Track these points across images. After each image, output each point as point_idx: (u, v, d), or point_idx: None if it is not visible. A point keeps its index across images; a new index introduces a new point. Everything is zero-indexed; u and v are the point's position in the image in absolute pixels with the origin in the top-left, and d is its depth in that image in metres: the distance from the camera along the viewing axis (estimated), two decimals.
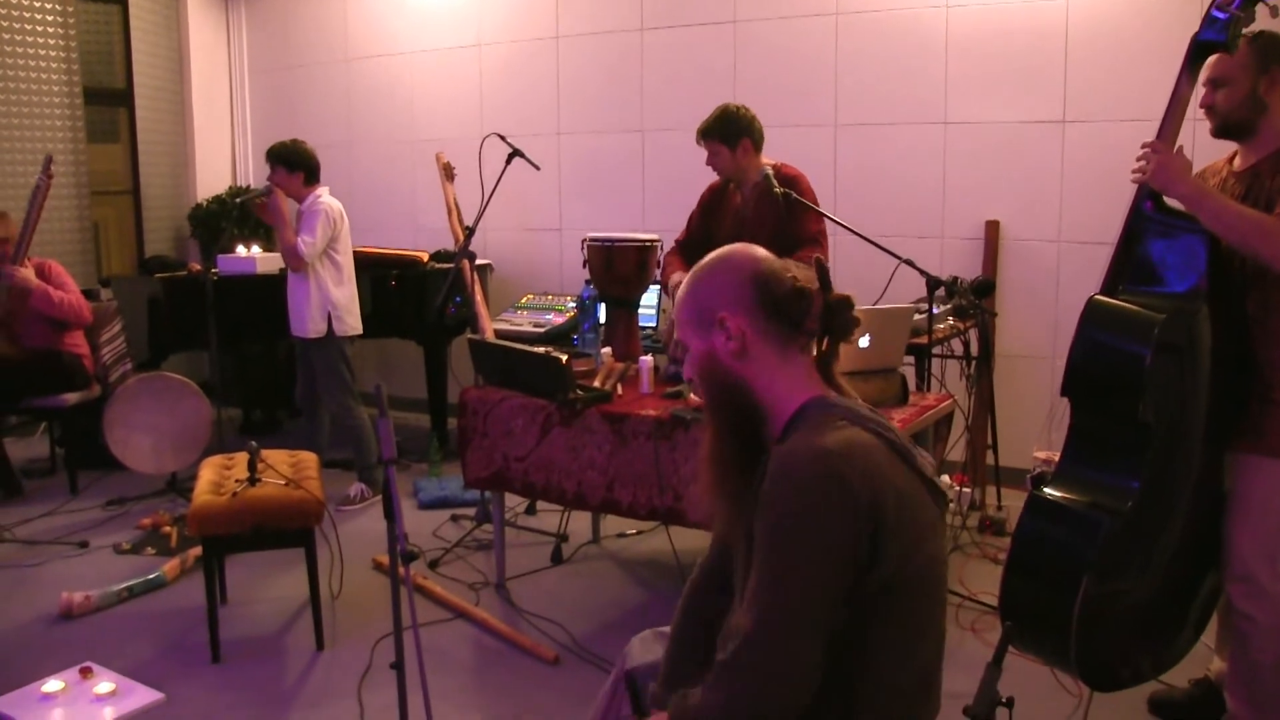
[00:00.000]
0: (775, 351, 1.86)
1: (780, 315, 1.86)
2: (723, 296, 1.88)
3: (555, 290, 6.72)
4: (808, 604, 1.68)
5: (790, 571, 1.69)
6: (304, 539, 3.85)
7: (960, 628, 3.93)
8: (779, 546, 1.70)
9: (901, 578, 1.74)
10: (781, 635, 1.69)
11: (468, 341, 4.26)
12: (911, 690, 1.83)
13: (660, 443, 3.69)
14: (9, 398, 5.72)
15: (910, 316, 4.13)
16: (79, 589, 4.32)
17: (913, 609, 1.79)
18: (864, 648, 1.76)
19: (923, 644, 1.83)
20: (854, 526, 1.68)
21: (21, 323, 5.76)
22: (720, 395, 1.91)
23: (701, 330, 1.90)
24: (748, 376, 1.87)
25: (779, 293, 1.86)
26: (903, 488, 1.76)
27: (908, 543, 1.74)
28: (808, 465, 1.70)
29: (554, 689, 3.60)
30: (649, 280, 4.61)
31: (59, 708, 3.50)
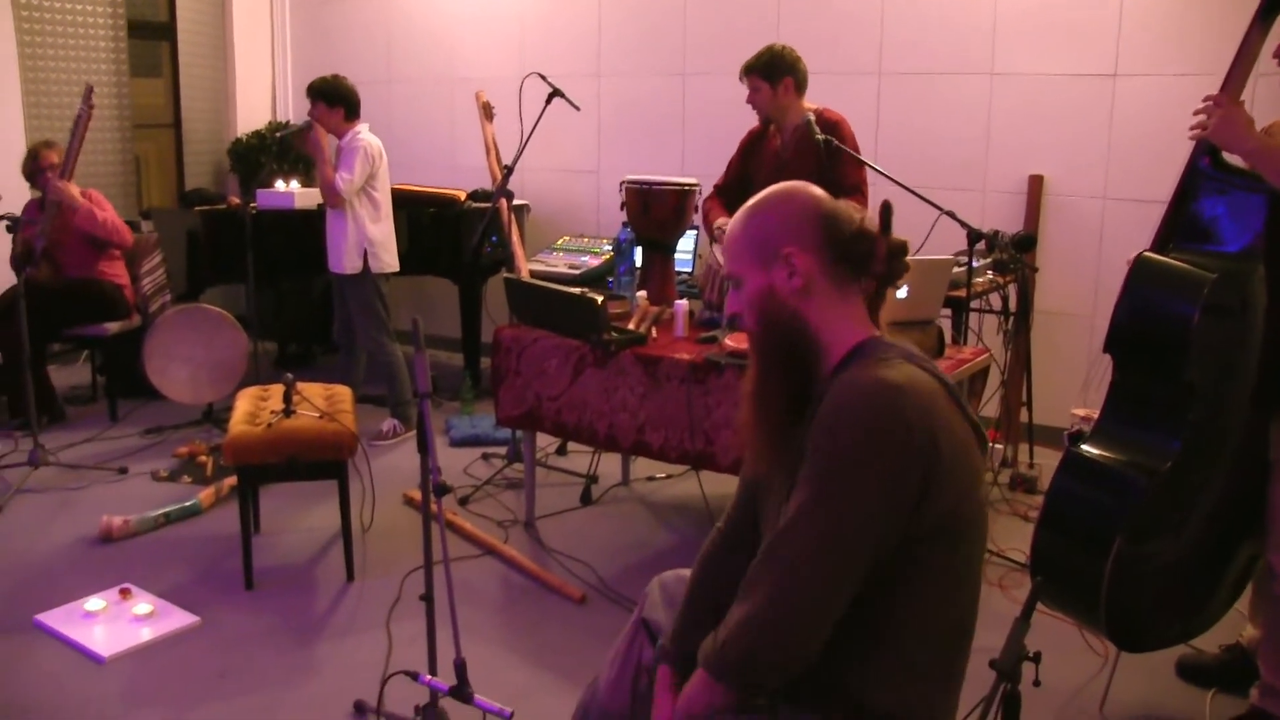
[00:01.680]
0: (836, 291, 1.85)
1: (844, 256, 1.84)
2: (788, 232, 1.85)
3: (592, 233, 6.69)
4: (851, 525, 1.67)
5: (839, 495, 1.68)
6: (336, 471, 3.87)
7: (988, 583, 3.91)
8: (831, 472, 1.69)
9: (949, 522, 1.74)
10: (818, 551, 1.68)
11: (503, 280, 4.25)
12: (947, 638, 1.82)
13: (693, 386, 3.67)
14: (52, 326, 5.77)
15: (949, 269, 4.08)
16: (118, 513, 4.37)
17: (955, 555, 1.78)
18: (905, 591, 1.76)
19: (962, 591, 1.82)
20: (909, 462, 1.67)
21: (65, 251, 5.79)
22: (775, 332, 1.87)
23: (761, 264, 1.86)
24: (806, 314, 1.84)
25: (845, 233, 1.84)
26: (957, 432, 1.75)
27: (959, 487, 1.73)
28: (870, 395, 1.69)
29: (580, 627, 3.62)
30: (686, 224, 4.57)
31: (100, 625, 3.57)
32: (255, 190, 6.50)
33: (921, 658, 1.79)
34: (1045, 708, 3.10)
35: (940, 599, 1.78)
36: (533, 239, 6.83)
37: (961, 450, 1.74)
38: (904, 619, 1.77)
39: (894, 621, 1.77)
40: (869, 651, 1.78)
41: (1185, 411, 2.76)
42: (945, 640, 1.81)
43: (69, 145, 5.35)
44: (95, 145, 7.03)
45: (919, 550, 1.73)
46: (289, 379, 3.90)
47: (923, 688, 1.80)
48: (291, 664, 3.36)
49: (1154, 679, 3.29)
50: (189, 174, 7.86)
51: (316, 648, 3.47)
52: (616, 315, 4.15)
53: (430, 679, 2.61)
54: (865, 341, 1.83)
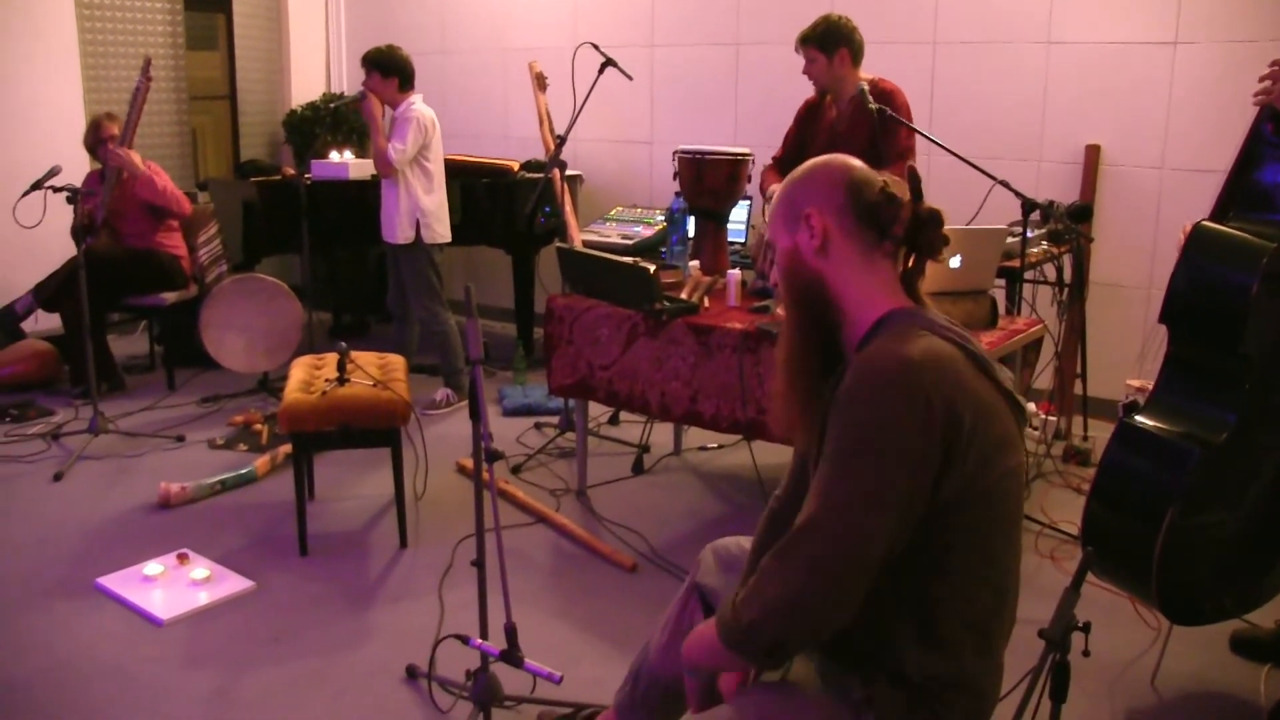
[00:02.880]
0: (858, 254, 1.86)
1: (867, 219, 1.86)
2: (813, 195, 1.89)
3: (645, 203, 6.69)
4: (873, 495, 1.68)
5: (860, 473, 1.69)
6: (390, 439, 3.91)
7: (1039, 555, 3.90)
8: (851, 447, 1.70)
9: (977, 491, 1.74)
10: (843, 521, 1.68)
11: (556, 250, 4.27)
12: (985, 604, 1.82)
13: (745, 356, 3.68)
14: (111, 295, 5.86)
15: (1003, 238, 4.05)
16: (175, 480, 4.46)
17: (988, 523, 1.79)
18: (940, 559, 1.76)
19: (999, 559, 1.83)
20: (930, 434, 1.68)
21: (124, 221, 5.88)
22: (798, 293, 1.90)
23: (789, 227, 1.91)
24: (826, 275, 1.87)
25: (868, 197, 1.86)
26: (982, 399, 1.75)
27: (984, 456, 1.73)
28: (888, 371, 1.70)
29: (631, 596, 3.65)
30: (739, 194, 4.56)
31: (159, 589, 3.65)
32: (310, 161, 6.56)
33: (959, 624, 1.79)
34: (1096, 680, 3.09)
35: (976, 564, 1.79)
36: (586, 209, 6.85)
37: (988, 418, 1.75)
38: (940, 586, 1.78)
39: (930, 589, 1.78)
40: (907, 619, 1.79)
41: (1242, 383, 2.73)
42: (983, 606, 1.81)
43: (128, 116, 5.42)
44: (152, 118, 7.12)
45: (950, 518, 1.74)
46: (343, 348, 3.94)
47: (962, 654, 1.81)
48: (344, 629, 3.42)
49: (1208, 653, 3.27)
50: (244, 145, 7.94)
51: (369, 613, 3.52)
52: (669, 285, 4.16)
53: (481, 643, 2.64)
54: (890, 314, 1.83)
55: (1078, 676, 1.95)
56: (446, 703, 2.96)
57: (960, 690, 1.82)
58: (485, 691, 2.75)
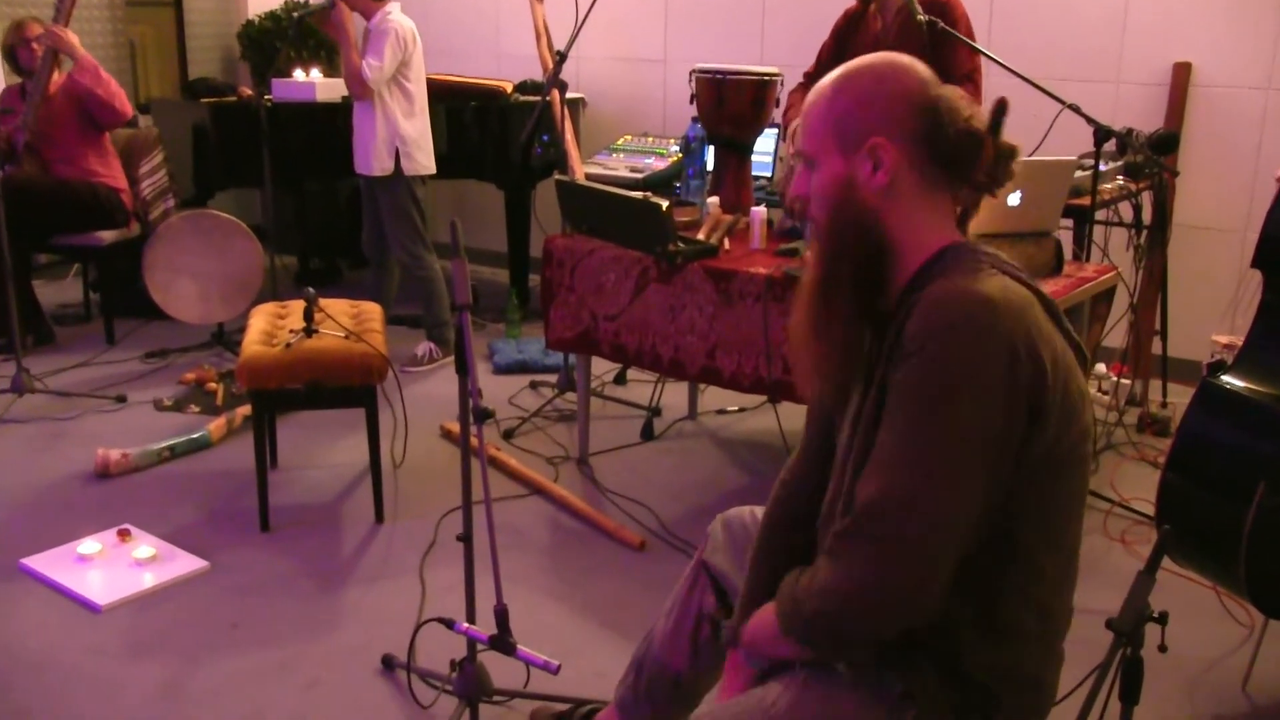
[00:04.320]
0: (924, 193, 1.82)
1: (943, 158, 1.81)
2: (880, 117, 1.81)
3: (657, 131, 6.69)
4: (957, 458, 1.66)
5: (938, 425, 1.67)
6: (365, 399, 3.94)
7: (1108, 537, 3.94)
8: (925, 403, 1.68)
9: (1057, 451, 1.74)
10: (922, 491, 1.67)
11: (555, 183, 4.29)
12: (1048, 588, 1.82)
13: (770, 305, 3.70)
14: (38, 233, 5.87)
15: (1071, 172, 4.05)
16: (116, 446, 4.50)
17: (1063, 490, 1.79)
18: (1006, 536, 1.76)
19: (1066, 533, 1.83)
20: (1017, 387, 1.66)
21: (52, 146, 5.88)
22: (846, 231, 1.84)
23: (842, 149, 1.83)
24: (885, 217, 1.82)
25: (949, 131, 1.80)
26: (1058, 349, 1.74)
27: (1065, 413, 1.73)
28: (965, 311, 1.67)
29: (637, 576, 3.70)
30: (765, 121, 4.57)
31: (96, 570, 3.69)
32: (270, 80, 6.56)
33: (1023, 609, 1.80)
34: (1174, 680, 3.11)
35: (1043, 539, 1.79)
36: (589, 138, 6.86)
37: (1066, 371, 1.74)
38: (1006, 563, 1.78)
39: (990, 572, 1.77)
40: (967, 602, 1.78)
41: None
42: (1048, 587, 1.82)
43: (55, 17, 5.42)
44: (82, 27, 7.11)
45: (1022, 485, 1.73)
46: (310, 294, 3.95)
47: (1024, 642, 1.82)
48: (312, 614, 3.47)
49: None
50: (193, 61, 7.93)
51: (340, 596, 3.57)
52: (684, 224, 4.18)
53: (468, 627, 2.68)
54: (949, 247, 1.81)
55: (1152, 675, 1.94)
56: (428, 697, 3.01)
57: (1018, 683, 1.83)
58: (472, 684, 2.78)
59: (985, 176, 1.84)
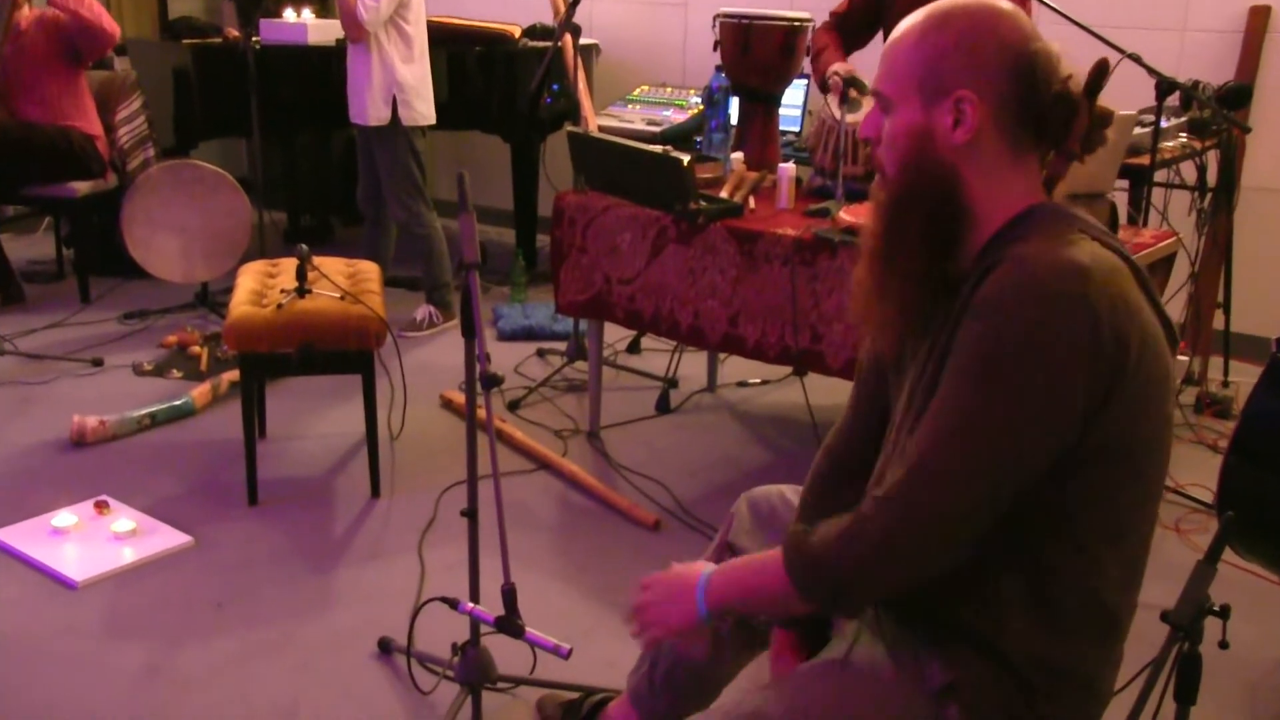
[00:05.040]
0: (1007, 154, 1.81)
1: (1034, 120, 1.80)
2: (971, 69, 1.78)
3: (676, 81, 6.69)
4: (1005, 437, 1.68)
5: (995, 397, 1.68)
6: (361, 365, 3.97)
7: (1161, 525, 3.93)
8: (991, 365, 1.69)
9: (1132, 439, 1.75)
10: (961, 469, 1.69)
11: (568, 135, 4.30)
12: (1115, 582, 1.83)
13: (799, 269, 3.72)
14: (6, 183, 5.88)
15: (1130, 128, 4.05)
16: (92, 413, 4.52)
17: (1137, 478, 1.79)
18: (1065, 522, 1.77)
19: (1142, 521, 1.84)
20: (1093, 361, 1.67)
21: (19, 87, 5.87)
22: (914, 184, 1.84)
23: (923, 97, 1.81)
24: (964, 175, 1.81)
25: (1044, 95, 1.79)
26: (1148, 326, 1.74)
27: (1147, 397, 1.73)
28: (1051, 276, 1.67)
29: (652, 559, 3.65)
30: (794, 70, 4.56)
31: (71, 544, 3.72)
32: (258, 20, 6.54)
33: (1080, 601, 1.81)
34: (1235, 680, 3.11)
35: (1109, 529, 1.79)
36: (603, 88, 6.85)
37: (1153, 351, 1.73)
38: (1061, 551, 1.78)
39: (1048, 553, 1.79)
40: (1015, 585, 1.80)
41: None
42: (1112, 582, 1.82)
43: None
44: None
45: (1089, 469, 1.74)
46: (304, 250, 3.97)
47: (1081, 638, 1.83)
48: (303, 594, 3.51)
49: None
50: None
51: (333, 575, 3.61)
52: (706, 181, 4.20)
53: (473, 607, 2.71)
54: (1035, 208, 1.81)
55: (1210, 674, 1.93)
56: (428, 682, 3.04)
57: (1071, 681, 1.84)
58: (475, 669, 2.82)
59: (1078, 143, 1.83)
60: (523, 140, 6.54)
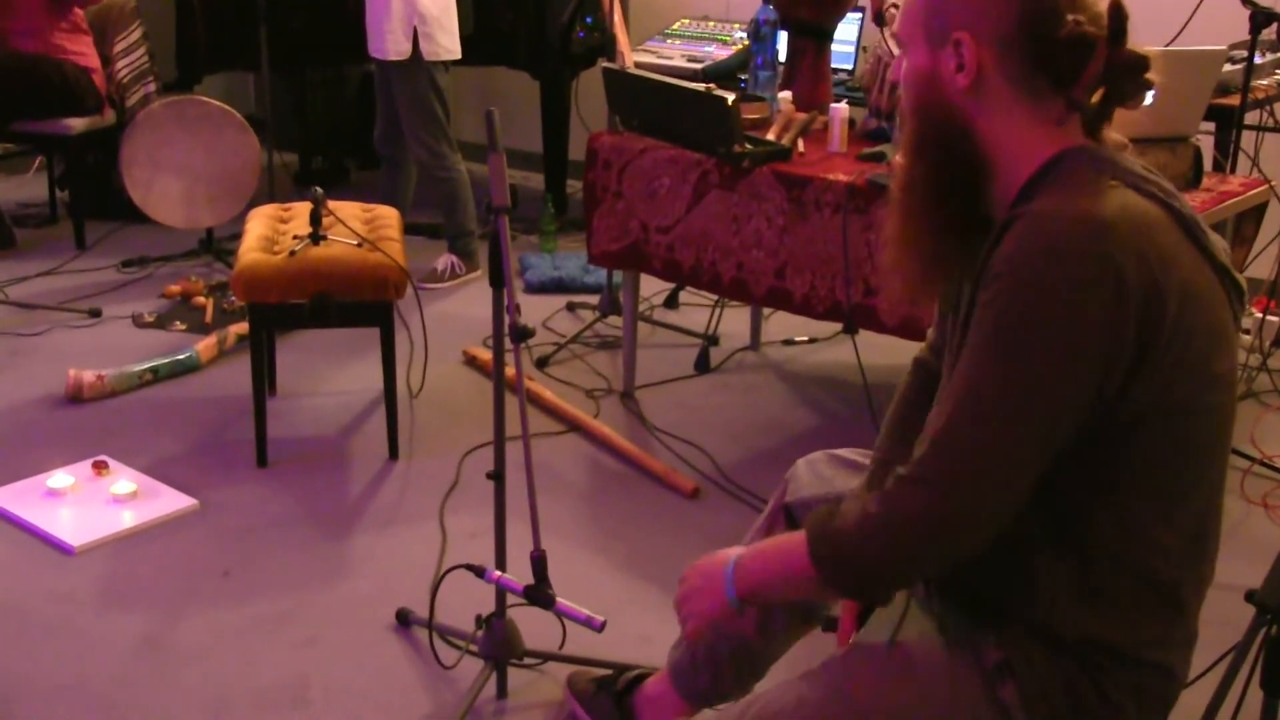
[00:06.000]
0: (1022, 99, 1.82)
1: (1042, 65, 1.80)
2: (969, 9, 1.81)
3: (720, 13, 6.66)
4: (1029, 410, 1.69)
5: (1015, 371, 1.70)
6: (379, 317, 3.99)
7: (1246, 500, 3.93)
8: (1011, 334, 1.70)
9: (1174, 403, 1.74)
10: (989, 431, 1.71)
11: (602, 72, 4.29)
12: (1175, 556, 1.83)
13: (851, 218, 3.71)
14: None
15: (1218, 65, 4.01)
16: (89, 367, 4.56)
17: (1186, 444, 1.79)
18: (1110, 494, 1.78)
19: (1196, 490, 1.83)
20: (1117, 320, 1.67)
21: (11, 13, 5.86)
22: (927, 129, 1.88)
23: (928, 40, 1.85)
24: (974, 119, 1.84)
25: (1050, 35, 1.78)
26: (1191, 279, 1.74)
27: (1189, 356, 1.73)
28: (1069, 234, 1.68)
29: (690, 527, 3.75)
30: (849, 3, 4.55)
31: (68, 507, 3.77)
32: None
33: (1133, 577, 1.81)
34: None
35: (1162, 500, 1.80)
36: (639, 20, 6.83)
37: (1197, 304, 1.74)
38: (1108, 525, 1.79)
39: (1094, 528, 1.79)
40: (1061, 562, 1.81)
41: None
42: (1170, 557, 1.82)
43: None
44: None
45: (1132, 437, 1.75)
46: (318, 194, 3.99)
47: (1137, 615, 1.83)
48: (315, 561, 3.54)
49: None
50: None
51: (348, 542, 3.64)
52: (752, 122, 4.19)
53: (500, 575, 2.73)
54: (1064, 154, 1.81)
55: None
56: (450, 657, 3.06)
57: (1134, 662, 1.84)
58: (501, 644, 2.85)
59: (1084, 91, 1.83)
60: (553, 77, 6.54)
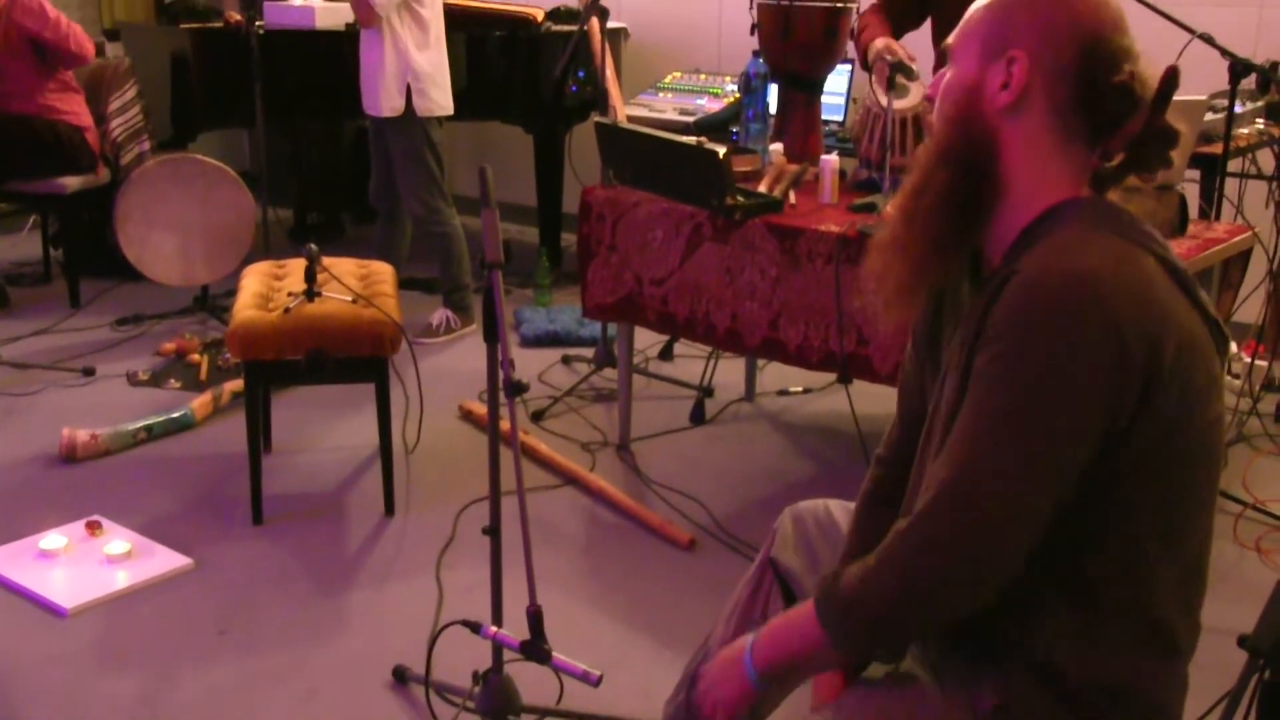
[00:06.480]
0: (1056, 135, 1.84)
1: (1085, 106, 1.83)
2: (1035, 31, 1.83)
3: (711, 67, 6.71)
4: (1033, 460, 1.71)
5: (1024, 426, 1.71)
6: (375, 373, 4.00)
7: (1239, 544, 3.94)
8: (1012, 397, 1.72)
9: (1171, 447, 1.76)
10: (995, 496, 1.72)
11: (595, 126, 4.32)
12: (1169, 597, 1.84)
13: (843, 268, 3.72)
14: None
15: (1200, 114, 4.05)
16: (83, 426, 4.55)
17: (1183, 486, 1.81)
18: (1107, 535, 1.79)
19: (1192, 530, 1.85)
20: (1118, 378, 1.69)
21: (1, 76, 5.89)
22: (955, 139, 1.89)
23: (983, 51, 1.87)
24: (1002, 140, 1.85)
25: (1105, 78, 1.81)
26: (1186, 331, 1.76)
27: (1185, 404, 1.75)
28: (1067, 293, 1.69)
29: (687, 579, 3.76)
30: (838, 55, 4.57)
31: (61, 568, 3.76)
32: (262, 2, 6.60)
33: (1131, 617, 1.82)
34: None
35: (1158, 540, 1.81)
36: (631, 74, 6.87)
37: (1191, 356, 1.75)
38: (1105, 565, 1.80)
39: (1091, 568, 1.81)
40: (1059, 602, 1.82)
41: None
42: (1165, 596, 1.84)
43: None
44: None
45: (1130, 480, 1.76)
46: (312, 250, 3.99)
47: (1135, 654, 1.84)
48: (311, 618, 3.54)
49: None
50: None
51: (344, 598, 3.64)
52: (744, 174, 4.21)
53: (496, 631, 2.73)
54: (1067, 203, 1.83)
55: None
56: (447, 714, 3.06)
57: (1133, 703, 1.85)
58: (498, 699, 2.83)
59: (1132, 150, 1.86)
60: (546, 131, 6.58)
